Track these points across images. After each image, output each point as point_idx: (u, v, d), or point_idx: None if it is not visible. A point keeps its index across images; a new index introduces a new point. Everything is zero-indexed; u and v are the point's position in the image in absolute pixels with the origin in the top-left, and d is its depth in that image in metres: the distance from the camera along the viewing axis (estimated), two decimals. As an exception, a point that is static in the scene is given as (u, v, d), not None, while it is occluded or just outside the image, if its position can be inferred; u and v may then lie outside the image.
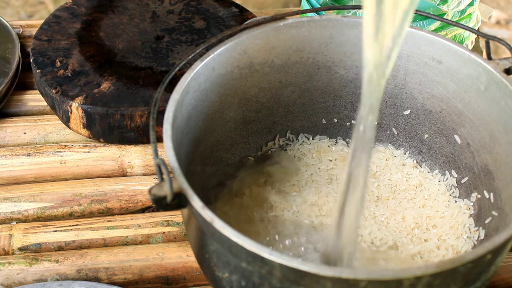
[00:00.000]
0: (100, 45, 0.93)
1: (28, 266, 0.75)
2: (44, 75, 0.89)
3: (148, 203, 0.82)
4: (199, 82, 0.70)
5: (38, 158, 0.86)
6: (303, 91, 0.79)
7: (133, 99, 0.86)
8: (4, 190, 0.82)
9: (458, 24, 0.75)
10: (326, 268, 0.55)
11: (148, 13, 0.97)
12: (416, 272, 0.55)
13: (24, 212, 0.81)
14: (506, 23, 1.98)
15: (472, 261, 0.56)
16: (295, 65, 0.77)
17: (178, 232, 0.80)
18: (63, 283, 0.72)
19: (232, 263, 0.60)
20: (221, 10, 0.98)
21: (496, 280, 0.76)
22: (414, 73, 0.77)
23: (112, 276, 0.75)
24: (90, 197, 0.82)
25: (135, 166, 0.86)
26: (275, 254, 0.55)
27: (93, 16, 0.97)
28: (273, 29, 0.74)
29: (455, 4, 0.89)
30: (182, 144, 0.67)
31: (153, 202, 0.58)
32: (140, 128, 0.86)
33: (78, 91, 0.87)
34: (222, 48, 0.71)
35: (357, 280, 0.55)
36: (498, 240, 0.57)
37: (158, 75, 0.89)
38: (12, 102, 0.92)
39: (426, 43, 0.74)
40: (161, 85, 0.66)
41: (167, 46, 0.93)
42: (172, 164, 0.61)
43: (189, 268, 0.76)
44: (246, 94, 0.76)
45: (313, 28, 0.75)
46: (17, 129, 0.89)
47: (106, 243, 0.79)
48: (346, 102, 0.81)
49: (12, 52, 0.94)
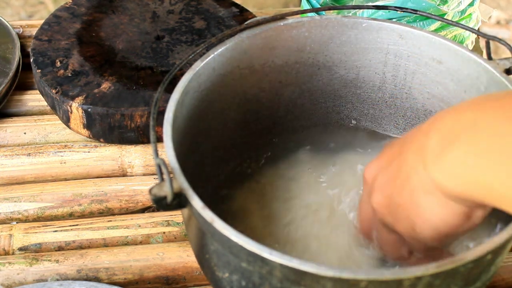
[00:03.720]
0: (100, 45, 0.93)
1: (28, 266, 0.75)
2: (44, 75, 0.89)
3: (148, 203, 0.82)
4: (199, 82, 0.70)
5: (38, 158, 0.86)
6: (303, 91, 0.79)
7: (133, 99, 0.86)
8: (4, 190, 0.82)
9: (458, 24, 0.75)
10: (326, 268, 0.55)
11: (148, 13, 0.98)
12: (416, 272, 0.55)
13: (24, 212, 0.81)
14: (506, 23, 1.98)
15: (472, 261, 0.56)
16: (295, 65, 0.77)
17: (178, 232, 0.80)
18: (63, 283, 0.72)
19: (232, 263, 0.60)
20: (221, 10, 0.98)
21: (496, 280, 0.76)
22: (414, 73, 0.76)
23: (112, 276, 0.75)
24: (90, 197, 0.82)
25: (135, 166, 0.86)
26: (275, 254, 0.55)
27: (93, 16, 0.97)
28: (273, 29, 0.74)
29: (455, 4, 0.89)
30: (182, 144, 0.67)
31: (153, 202, 0.58)
32: (140, 128, 0.86)
33: (78, 91, 0.87)
34: (222, 48, 0.71)
35: (357, 280, 0.55)
36: (498, 240, 0.57)
37: (158, 75, 0.89)
38: (12, 102, 0.92)
39: (426, 43, 0.74)
40: (161, 85, 0.66)
41: (167, 46, 0.93)
42: (172, 164, 0.61)
43: (189, 268, 0.76)
44: (246, 94, 0.76)
45: (313, 28, 0.75)
46: (17, 129, 0.89)
47: (106, 243, 0.79)
48: (346, 102, 0.81)
49: (12, 52, 0.94)
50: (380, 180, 0.63)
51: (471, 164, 0.54)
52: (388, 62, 0.77)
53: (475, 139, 0.54)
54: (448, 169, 0.56)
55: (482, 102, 0.57)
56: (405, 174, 0.60)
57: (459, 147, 0.55)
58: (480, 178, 0.54)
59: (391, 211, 0.62)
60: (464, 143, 0.55)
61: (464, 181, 0.55)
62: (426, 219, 0.60)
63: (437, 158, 0.57)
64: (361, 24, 0.75)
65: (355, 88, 0.80)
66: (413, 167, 0.59)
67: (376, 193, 0.63)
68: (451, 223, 0.59)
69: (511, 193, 0.52)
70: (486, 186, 0.54)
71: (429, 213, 0.59)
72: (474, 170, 0.54)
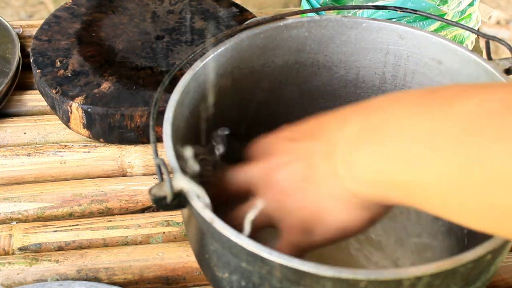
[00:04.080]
0: (100, 45, 0.93)
1: (28, 266, 0.75)
2: (44, 75, 0.89)
3: (148, 203, 0.82)
4: (199, 82, 0.70)
5: (38, 158, 0.86)
6: (303, 91, 0.79)
7: (133, 99, 0.86)
8: (4, 190, 0.82)
9: (458, 24, 0.75)
10: (326, 268, 0.55)
11: (148, 13, 0.98)
12: (416, 272, 0.55)
13: (24, 212, 0.81)
14: (506, 23, 1.98)
15: (472, 261, 0.56)
16: (295, 65, 0.77)
17: (178, 232, 0.80)
18: (63, 283, 0.72)
19: (232, 263, 0.60)
20: (221, 10, 0.98)
21: (496, 280, 0.76)
22: (414, 73, 0.76)
23: (112, 276, 0.75)
24: (90, 197, 0.82)
25: (135, 166, 0.86)
26: (275, 254, 0.55)
27: (93, 16, 0.97)
28: (273, 29, 0.74)
29: (455, 4, 0.89)
30: (182, 144, 0.67)
31: (153, 202, 0.58)
32: (140, 128, 0.86)
33: (78, 91, 0.87)
34: (222, 48, 0.71)
35: (357, 280, 0.55)
36: (498, 240, 0.57)
37: (158, 75, 0.89)
38: (12, 102, 0.92)
39: (426, 43, 0.74)
40: (161, 85, 0.66)
41: (167, 46, 0.93)
42: (172, 164, 0.61)
43: (189, 268, 0.76)
44: (246, 94, 0.76)
45: (313, 28, 0.75)
46: (17, 129, 0.89)
47: (106, 243, 0.79)
48: (346, 102, 0.81)
49: (12, 52, 0.94)
50: (279, 176, 0.62)
51: (381, 167, 0.54)
52: (388, 62, 0.77)
53: (383, 142, 0.54)
54: (360, 175, 0.56)
55: (386, 104, 0.57)
56: (313, 179, 0.59)
57: (366, 151, 0.55)
58: (393, 181, 0.54)
59: (283, 209, 0.61)
60: (370, 146, 0.55)
61: (378, 184, 0.55)
62: (328, 224, 0.60)
63: (347, 166, 0.57)
64: (361, 24, 0.75)
65: (355, 88, 0.80)
66: (323, 175, 0.59)
67: (271, 188, 0.62)
68: (353, 229, 0.60)
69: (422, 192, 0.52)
70: (401, 188, 0.54)
71: (333, 219, 0.59)
72: (385, 172, 0.54)
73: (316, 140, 0.60)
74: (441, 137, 0.50)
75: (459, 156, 0.49)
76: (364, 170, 0.56)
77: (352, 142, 0.57)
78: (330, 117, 0.61)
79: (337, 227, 0.60)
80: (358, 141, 0.56)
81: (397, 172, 0.53)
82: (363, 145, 0.56)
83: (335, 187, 0.58)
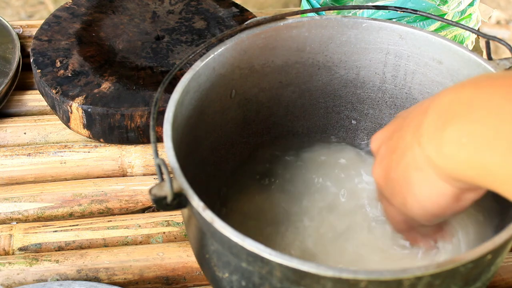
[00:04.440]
0: (100, 45, 0.93)
1: (28, 266, 0.75)
2: (44, 75, 0.89)
3: (148, 203, 0.82)
4: (199, 82, 0.70)
5: (38, 158, 0.86)
6: (303, 91, 0.79)
7: (133, 99, 0.86)
8: (4, 190, 0.82)
9: (458, 24, 0.75)
10: (326, 268, 0.55)
11: (148, 13, 0.98)
12: (416, 272, 0.55)
13: (24, 212, 0.81)
14: (506, 23, 1.98)
15: (472, 261, 0.56)
16: (295, 65, 0.77)
17: (178, 232, 0.80)
18: (63, 283, 0.72)
19: (232, 263, 0.60)
20: (221, 10, 0.98)
21: (496, 280, 0.76)
22: (414, 73, 0.77)
23: (112, 276, 0.75)
24: (90, 197, 0.82)
25: (135, 166, 0.86)
26: (275, 254, 0.55)
27: (93, 16, 0.97)
28: (273, 29, 0.74)
29: (455, 4, 0.89)
30: (182, 144, 0.67)
31: (153, 202, 0.58)
32: (140, 128, 0.86)
33: (78, 91, 0.87)
34: (222, 48, 0.71)
35: (357, 280, 0.55)
36: (498, 240, 0.57)
37: (158, 75, 0.89)
38: (12, 102, 0.92)
39: (426, 43, 0.74)
40: (161, 85, 0.66)
41: (167, 46, 0.93)
42: (172, 164, 0.61)
43: (189, 268, 0.76)
44: (246, 94, 0.76)
45: (313, 28, 0.75)
46: (17, 129, 0.89)
47: (106, 243, 0.79)
48: (346, 102, 0.81)
49: (12, 52, 0.94)
50: (382, 152, 0.63)
51: (465, 143, 0.53)
52: (388, 62, 0.77)
53: (471, 118, 0.53)
54: (442, 147, 0.55)
55: (481, 80, 0.56)
56: (401, 149, 0.60)
57: (454, 125, 0.54)
58: (474, 158, 0.53)
59: (388, 184, 0.62)
60: (459, 122, 0.54)
61: (458, 160, 0.54)
62: (415, 196, 0.60)
63: (432, 136, 0.56)
64: (361, 24, 0.75)
65: (355, 88, 0.80)
66: (409, 144, 0.59)
67: (376, 165, 0.64)
68: (438, 203, 0.59)
69: (504, 174, 0.51)
70: (480, 167, 0.53)
71: (418, 191, 0.59)
72: (468, 149, 0.53)
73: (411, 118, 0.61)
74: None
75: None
76: (447, 142, 0.55)
77: (440, 114, 0.56)
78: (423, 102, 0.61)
79: (424, 199, 0.59)
80: (447, 114, 0.55)
81: (479, 150, 0.52)
82: (451, 115, 0.55)
83: (417, 156, 0.58)
